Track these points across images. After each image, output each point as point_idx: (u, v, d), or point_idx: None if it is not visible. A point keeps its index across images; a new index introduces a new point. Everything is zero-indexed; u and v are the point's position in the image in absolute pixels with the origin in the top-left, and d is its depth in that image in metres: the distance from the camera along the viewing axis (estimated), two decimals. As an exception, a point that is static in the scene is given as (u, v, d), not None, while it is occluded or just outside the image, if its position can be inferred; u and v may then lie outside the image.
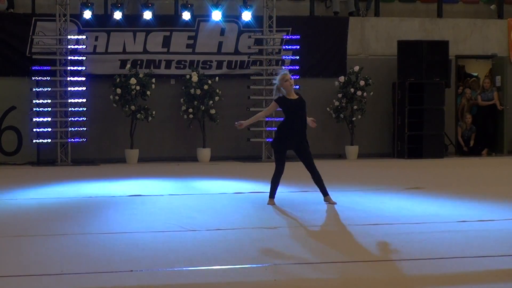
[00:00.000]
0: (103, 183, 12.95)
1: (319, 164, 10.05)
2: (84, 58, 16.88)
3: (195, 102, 17.07)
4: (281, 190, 10.11)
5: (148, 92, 16.86)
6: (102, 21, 17.25)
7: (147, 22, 17.25)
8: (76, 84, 16.82)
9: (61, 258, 6.63)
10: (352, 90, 17.63)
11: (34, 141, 16.71)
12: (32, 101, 16.68)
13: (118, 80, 16.77)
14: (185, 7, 17.33)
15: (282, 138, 9.83)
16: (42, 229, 8.23)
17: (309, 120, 9.95)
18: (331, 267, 6.26)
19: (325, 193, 9.95)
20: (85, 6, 16.83)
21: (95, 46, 17.19)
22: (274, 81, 9.99)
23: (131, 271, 6.12)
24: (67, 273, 6.05)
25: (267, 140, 17.45)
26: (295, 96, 9.83)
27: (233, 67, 17.81)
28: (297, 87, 17.36)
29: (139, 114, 16.82)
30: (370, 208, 9.68)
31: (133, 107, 16.75)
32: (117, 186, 12.48)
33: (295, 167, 15.95)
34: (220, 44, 17.72)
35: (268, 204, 9.90)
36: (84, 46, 16.87)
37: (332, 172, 10.07)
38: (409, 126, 17.83)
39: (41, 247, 7.18)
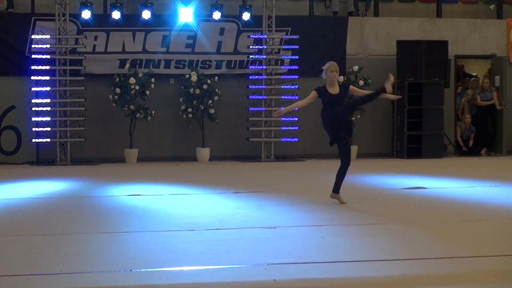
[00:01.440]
0: (102, 183, 12.94)
1: (319, 164, 10.05)
2: (83, 57, 16.89)
3: (195, 102, 17.07)
4: (280, 190, 10.11)
5: (148, 92, 16.85)
6: (102, 20, 17.24)
7: (146, 22, 17.25)
8: (75, 84, 16.82)
9: (61, 258, 6.63)
10: (351, 89, 17.60)
11: (34, 140, 16.71)
12: (31, 101, 16.68)
13: (117, 79, 16.76)
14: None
15: (330, 127, 9.76)
16: (41, 228, 8.22)
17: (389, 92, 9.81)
18: (331, 267, 6.26)
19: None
20: (85, 5, 16.83)
21: (94, 46, 17.19)
22: (323, 67, 9.91)
23: (131, 270, 6.12)
24: (67, 273, 6.04)
25: (266, 139, 17.48)
26: (336, 90, 9.75)
27: (232, 66, 17.82)
28: (297, 86, 17.45)
29: (138, 114, 16.81)
30: (370, 207, 9.68)
31: (132, 107, 16.75)
32: (116, 186, 12.48)
33: (297, 167, 15.97)
34: (219, 43, 17.73)
35: (330, 197, 9.81)
36: (84, 46, 16.87)
37: (332, 172, 10.06)
38: (408, 126, 17.84)
39: (40, 247, 7.17)
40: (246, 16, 17.45)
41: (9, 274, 5.98)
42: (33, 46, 16.77)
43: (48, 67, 16.65)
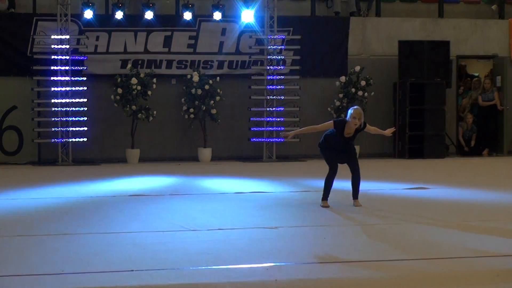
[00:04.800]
0: (104, 183, 12.95)
1: (320, 165, 10.05)
2: (85, 58, 16.90)
3: (196, 102, 17.07)
4: (282, 190, 10.11)
5: (149, 92, 16.87)
6: (103, 21, 17.26)
7: (148, 22, 17.26)
8: (77, 84, 16.84)
9: (61, 258, 6.63)
10: (353, 90, 17.63)
11: (35, 141, 16.73)
12: (33, 101, 16.71)
13: (119, 80, 16.78)
14: (186, 7, 17.34)
15: (325, 147, 9.79)
16: (42, 229, 8.23)
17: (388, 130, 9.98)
18: (333, 267, 6.26)
19: (354, 197, 9.86)
20: (86, 6, 16.84)
21: (96, 46, 17.20)
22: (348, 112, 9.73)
23: (132, 271, 6.12)
24: (68, 273, 6.05)
25: (267, 140, 17.47)
26: (351, 132, 9.56)
27: (234, 67, 17.82)
28: (298, 87, 17.44)
29: (140, 114, 16.82)
30: (371, 208, 9.67)
31: (134, 107, 16.76)
32: (118, 186, 12.49)
33: (299, 167, 15.97)
34: (221, 44, 17.73)
35: (321, 206, 9.71)
36: (85, 46, 16.88)
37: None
38: (410, 126, 17.84)
39: (41, 247, 7.17)
40: (247, 16, 17.44)
41: (9, 274, 5.99)
42: (35, 46, 16.79)
43: (49, 67, 16.66)
